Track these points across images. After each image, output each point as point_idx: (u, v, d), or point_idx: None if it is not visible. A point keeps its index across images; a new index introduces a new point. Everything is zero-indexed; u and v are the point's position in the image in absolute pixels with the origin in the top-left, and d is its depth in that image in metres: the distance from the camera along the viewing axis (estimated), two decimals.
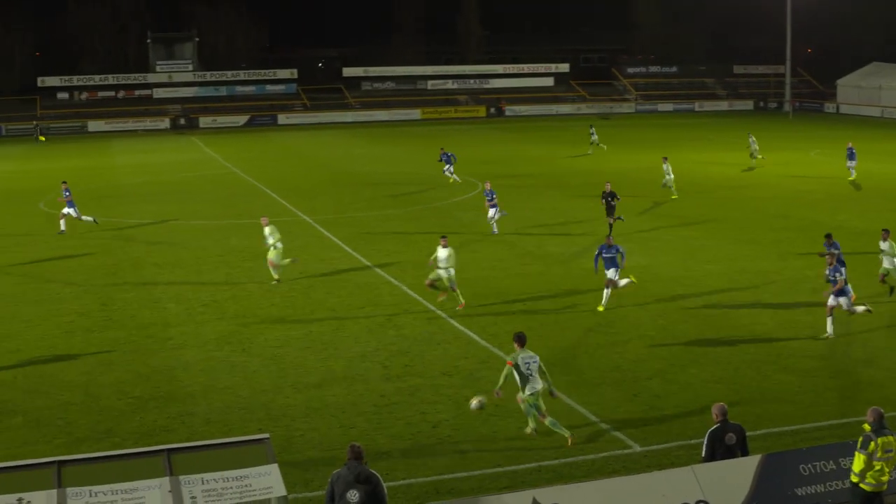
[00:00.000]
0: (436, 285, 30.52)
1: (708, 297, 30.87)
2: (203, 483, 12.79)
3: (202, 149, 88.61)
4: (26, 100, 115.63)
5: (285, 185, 59.07)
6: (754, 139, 64.98)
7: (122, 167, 75.17)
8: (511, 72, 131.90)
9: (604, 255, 30.14)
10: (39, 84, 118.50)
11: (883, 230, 30.68)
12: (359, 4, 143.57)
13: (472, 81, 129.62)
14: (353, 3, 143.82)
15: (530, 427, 20.21)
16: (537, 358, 20.12)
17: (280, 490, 13.00)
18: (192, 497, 12.63)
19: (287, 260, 34.94)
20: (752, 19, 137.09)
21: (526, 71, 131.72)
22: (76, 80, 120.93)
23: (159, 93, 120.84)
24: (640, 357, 25.43)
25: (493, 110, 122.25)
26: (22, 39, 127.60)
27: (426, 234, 41.56)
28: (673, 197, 50.31)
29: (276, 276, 34.32)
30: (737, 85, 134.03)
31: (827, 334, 26.41)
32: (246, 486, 12.95)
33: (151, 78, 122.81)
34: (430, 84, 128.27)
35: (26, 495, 12.20)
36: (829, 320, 26.52)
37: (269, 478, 13.06)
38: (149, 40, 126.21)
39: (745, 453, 16.24)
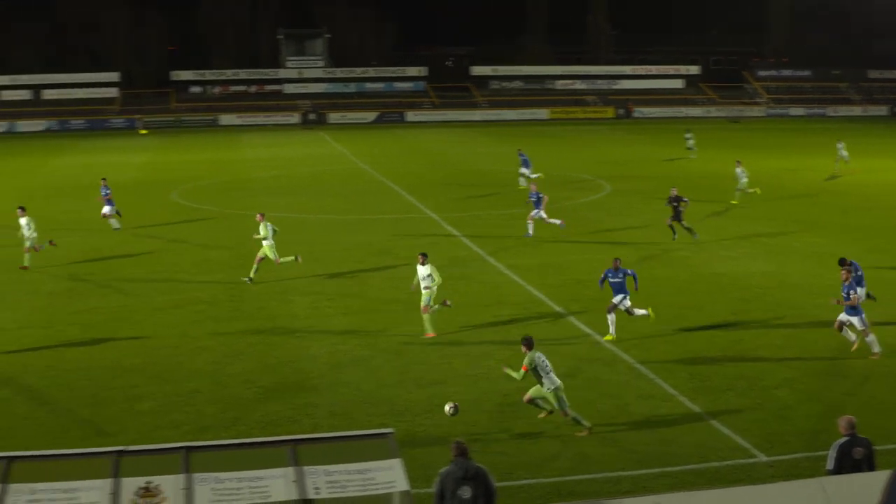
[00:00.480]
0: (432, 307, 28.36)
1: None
2: (327, 474, 12.84)
3: (331, 144, 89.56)
4: (161, 93, 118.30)
5: (412, 181, 59.39)
6: (843, 145, 62.87)
7: (252, 161, 76.33)
8: (640, 73, 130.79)
9: (610, 280, 27.44)
10: (173, 78, 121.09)
11: None
12: (488, 3, 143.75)
13: (600, 82, 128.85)
14: (482, 2, 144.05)
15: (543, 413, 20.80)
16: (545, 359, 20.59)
17: (403, 484, 13.00)
18: (316, 488, 12.69)
19: (290, 257, 35.05)
20: (887, 22, 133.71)
21: (655, 72, 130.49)
22: (209, 75, 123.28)
23: (290, 88, 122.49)
24: (766, 365, 24.93)
25: (621, 112, 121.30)
26: (157, 34, 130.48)
27: (552, 233, 41.38)
28: (733, 202, 49.34)
29: (252, 274, 34.39)
30: (871, 90, 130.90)
31: (854, 345, 25.67)
32: (369, 479, 12.96)
33: (282, 74, 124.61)
34: (559, 84, 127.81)
35: (155, 479, 12.38)
36: (846, 332, 25.72)
37: (391, 472, 13.06)
38: (280, 36, 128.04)
39: (871, 468, 15.77)
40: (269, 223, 34.78)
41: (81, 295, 33.39)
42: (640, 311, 27.44)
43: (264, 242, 34.42)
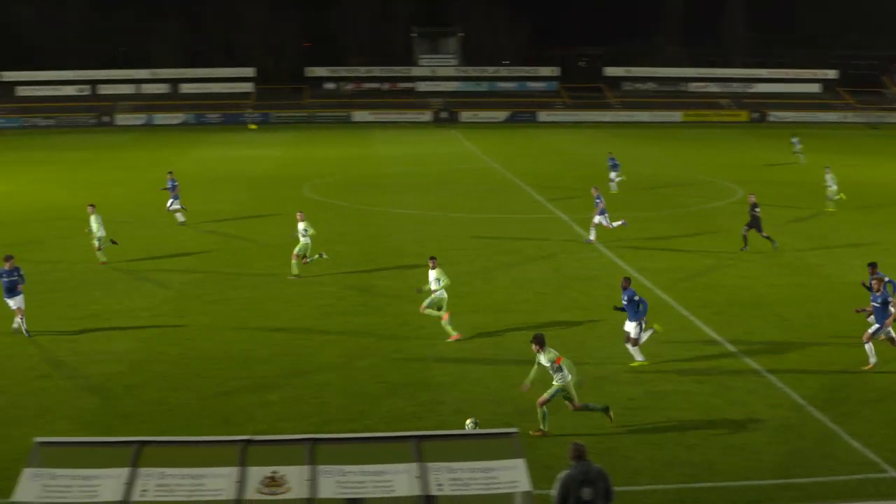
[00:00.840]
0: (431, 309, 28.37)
1: None
2: (450, 472, 12.82)
3: (462, 143, 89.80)
4: (295, 89, 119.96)
5: (543, 182, 59.20)
6: None
7: (384, 157, 76.90)
8: (776, 76, 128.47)
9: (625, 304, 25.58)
10: (307, 74, 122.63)
11: None
12: (622, 3, 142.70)
13: (734, 85, 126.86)
14: (616, 2, 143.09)
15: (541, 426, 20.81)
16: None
17: (525, 485, 12.91)
18: (439, 485, 12.68)
19: (316, 255, 35.39)
20: None
21: (791, 76, 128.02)
22: (342, 72, 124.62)
23: (422, 86, 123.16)
24: None
25: (755, 115, 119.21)
26: (293, 31, 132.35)
27: (684, 238, 40.90)
28: (829, 210, 47.96)
29: (295, 271, 34.81)
30: None
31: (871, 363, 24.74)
32: (492, 478, 12.91)
33: (415, 71, 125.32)
34: (692, 86, 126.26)
35: (280, 469, 12.51)
36: (868, 348, 24.82)
37: (515, 472, 12.98)
38: (414, 34, 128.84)
39: None
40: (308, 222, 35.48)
41: (213, 286, 34.02)
42: (648, 333, 25.54)
43: (302, 239, 34.97)
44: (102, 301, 31.98)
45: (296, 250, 35.05)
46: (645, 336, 25.41)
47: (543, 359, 21.06)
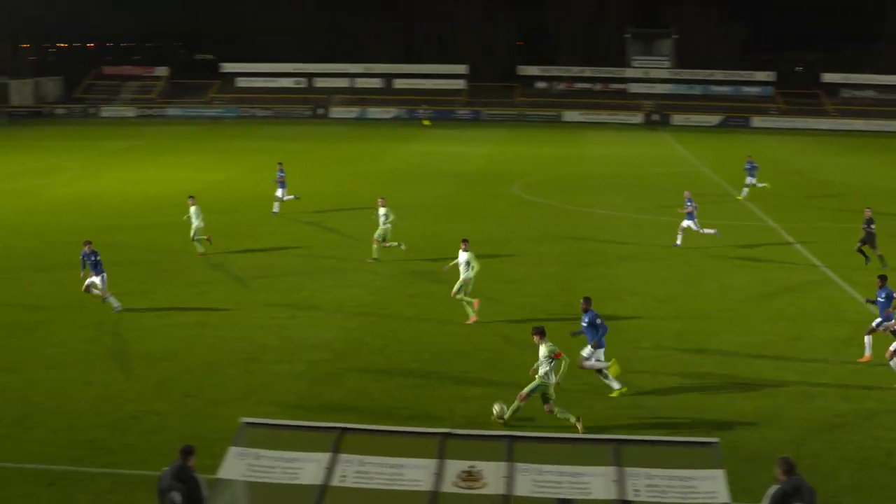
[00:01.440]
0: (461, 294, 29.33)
1: None
2: (648, 478, 12.66)
3: (673, 146, 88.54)
4: (506, 87, 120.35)
5: (754, 190, 57.80)
6: None
7: (593, 158, 76.43)
8: None
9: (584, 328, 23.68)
10: (519, 73, 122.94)
11: None
12: (842, 8, 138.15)
13: None
14: (834, 6, 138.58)
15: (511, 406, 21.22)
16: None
17: (724, 496, 12.64)
18: (636, 490, 12.54)
19: (394, 243, 36.68)
20: None
21: None
22: (554, 71, 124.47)
23: (634, 88, 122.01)
24: None
25: None
26: (505, 29, 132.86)
27: None
28: None
29: (375, 255, 36.79)
30: None
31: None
32: (690, 487, 12.68)
33: (628, 73, 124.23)
34: None
35: (478, 464, 12.57)
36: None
37: (714, 482, 12.73)
38: (627, 35, 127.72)
39: None
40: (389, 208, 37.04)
41: (418, 279, 34.44)
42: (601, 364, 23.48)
43: (382, 225, 36.65)
44: (311, 289, 32.78)
45: (376, 235, 36.63)
46: (595, 363, 23.36)
47: (543, 350, 21.02)
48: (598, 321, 23.62)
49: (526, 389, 21.10)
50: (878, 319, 25.69)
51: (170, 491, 13.88)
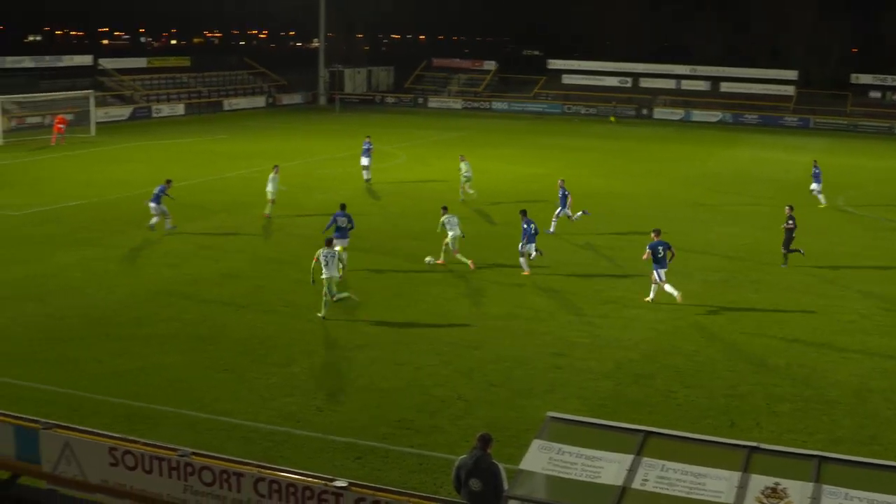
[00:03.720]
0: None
1: None
2: None
3: None
4: (837, 95, 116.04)
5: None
6: None
7: None
8: None
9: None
10: (852, 81, 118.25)
11: None
12: None
13: None
14: None
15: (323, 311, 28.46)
16: (335, 252, 29.17)
17: None
18: None
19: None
20: None
21: None
22: (890, 80, 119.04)
23: None
24: None
25: None
26: (840, 35, 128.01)
27: None
28: None
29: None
30: None
31: None
32: None
33: None
34: None
35: (783, 481, 12.24)
36: None
37: None
38: None
39: None
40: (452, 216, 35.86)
41: (734, 286, 33.72)
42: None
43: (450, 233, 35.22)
44: (623, 289, 32.69)
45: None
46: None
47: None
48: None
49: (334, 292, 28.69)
50: None
51: (469, 478, 14.15)
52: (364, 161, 53.65)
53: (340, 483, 13.56)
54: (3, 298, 30.42)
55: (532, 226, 34.24)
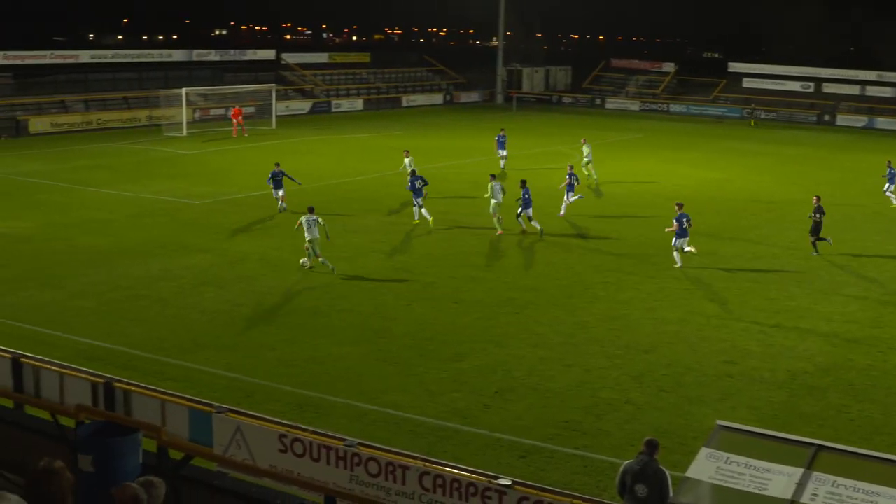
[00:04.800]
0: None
1: None
2: None
3: None
4: None
5: None
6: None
7: None
8: None
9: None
10: None
11: None
12: None
13: None
14: None
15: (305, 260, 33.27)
16: (316, 218, 32.98)
17: None
18: None
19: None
20: None
21: None
22: None
23: None
24: None
25: None
26: None
27: None
28: None
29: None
30: None
31: None
32: None
33: None
34: None
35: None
36: None
37: None
38: None
39: None
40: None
41: None
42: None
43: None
44: (798, 298, 31.94)
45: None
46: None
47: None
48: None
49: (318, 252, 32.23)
50: None
51: (635, 483, 14.04)
52: (501, 152, 57.68)
53: (504, 481, 13.59)
54: (184, 285, 31.46)
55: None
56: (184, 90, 74.36)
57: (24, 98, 76.71)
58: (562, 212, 44.14)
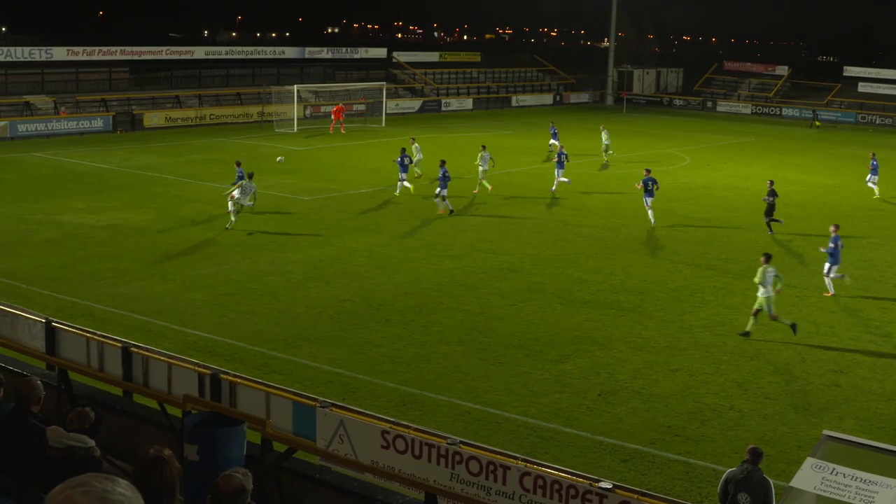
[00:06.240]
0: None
1: None
2: None
3: None
4: None
5: None
6: None
7: None
8: None
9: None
10: None
11: None
12: None
13: None
14: None
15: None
16: (254, 186, 38.60)
17: None
18: None
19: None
20: None
21: None
22: None
23: None
24: None
25: None
26: None
27: None
28: None
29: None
30: None
31: None
32: None
33: None
34: None
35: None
36: None
37: None
38: None
39: None
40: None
41: None
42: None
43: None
44: None
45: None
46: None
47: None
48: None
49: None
50: None
51: (738, 492, 13.92)
52: (553, 141, 62.62)
53: (605, 484, 13.57)
54: (292, 280, 31.89)
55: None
56: (295, 87, 75.34)
57: (140, 93, 78.43)
58: (553, 187, 48.83)
